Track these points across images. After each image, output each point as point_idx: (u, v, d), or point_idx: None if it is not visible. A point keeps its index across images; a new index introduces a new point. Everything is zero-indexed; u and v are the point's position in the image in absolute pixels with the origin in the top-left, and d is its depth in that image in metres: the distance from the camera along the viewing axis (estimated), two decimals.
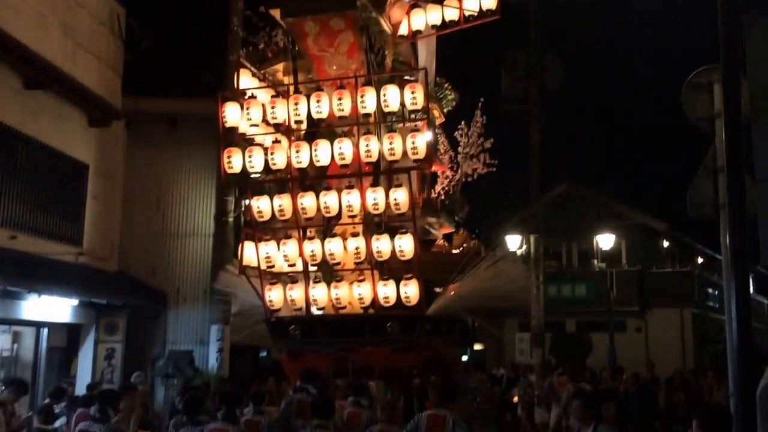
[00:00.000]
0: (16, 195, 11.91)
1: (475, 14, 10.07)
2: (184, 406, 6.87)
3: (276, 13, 9.37)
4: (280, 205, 8.91)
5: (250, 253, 9.25)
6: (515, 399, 15.81)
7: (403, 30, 10.09)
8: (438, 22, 10.14)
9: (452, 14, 10.12)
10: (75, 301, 12.85)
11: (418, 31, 10.16)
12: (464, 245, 10.96)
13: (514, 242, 20.83)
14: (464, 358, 20.51)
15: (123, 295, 13.88)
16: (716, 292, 26.89)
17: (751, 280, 7.24)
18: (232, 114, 9.07)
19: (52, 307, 12.38)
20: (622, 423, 14.70)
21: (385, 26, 9.38)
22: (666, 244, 29.14)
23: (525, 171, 20.04)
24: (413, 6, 10.04)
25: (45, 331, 12.86)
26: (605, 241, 23.04)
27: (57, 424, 9.01)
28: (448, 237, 11.10)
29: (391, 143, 8.62)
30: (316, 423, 6.07)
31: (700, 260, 31.41)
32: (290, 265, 9.14)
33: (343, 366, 9.13)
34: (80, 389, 11.65)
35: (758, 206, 6.81)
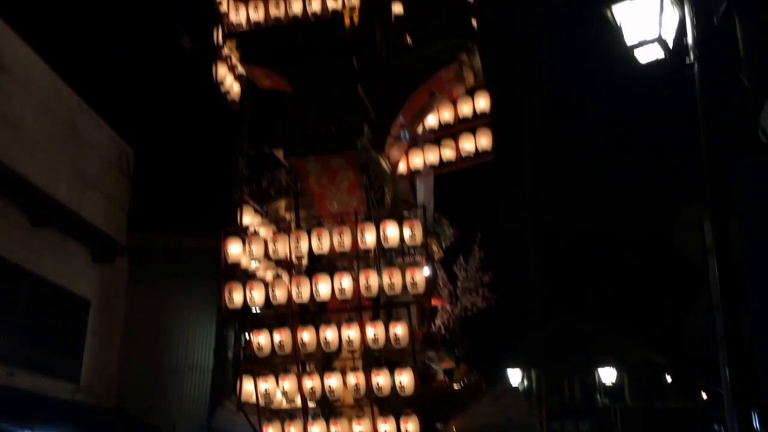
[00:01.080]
0: (16, 331, 11.92)
1: (472, 155, 10.56)
2: None
3: (279, 153, 9.73)
4: (279, 340, 8.93)
5: (249, 388, 9.19)
6: None
7: (401, 169, 10.49)
8: (436, 162, 10.62)
9: (449, 155, 10.58)
10: None
11: (417, 171, 10.58)
12: (465, 380, 10.88)
13: (515, 377, 20.61)
14: None
15: (118, 431, 13.65)
16: (722, 428, 26.33)
17: (755, 417, 7.18)
18: (234, 250, 9.26)
19: None
20: None
21: (385, 165, 9.72)
22: (669, 379, 28.77)
23: (525, 304, 20.16)
24: (411, 146, 10.48)
25: None
26: (607, 375, 22.82)
27: None
28: (448, 372, 11.03)
29: (390, 278, 8.75)
30: None
31: (704, 395, 30.88)
32: (289, 402, 9.07)
33: None
34: None
35: (755, 343, 6.88)
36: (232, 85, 11.04)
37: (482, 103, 10.74)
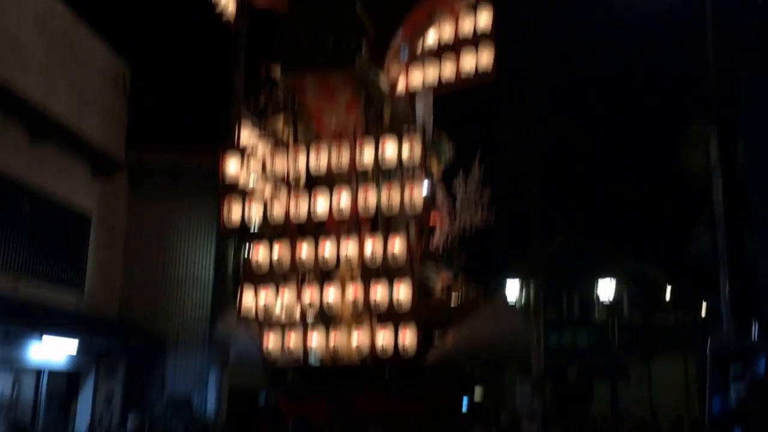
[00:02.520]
0: (20, 244, 12.11)
1: (471, 75, 10.36)
2: None
3: (277, 68, 9.63)
4: (278, 255, 9.06)
5: (249, 300, 9.37)
6: None
7: (401, 86, 10.37)
8: (435, 80, 10.43)
9: (449, 73, 10.41)
10: (74, 347, 12.97)
11: (416, 88, 10.45)
12: (462, 294, 11.02)
13: (513, 290, 20.87)
14: (464, 405, 20.43)
15: (123, 340, 14.02)
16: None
17: (756, 328, 7.30)
18: (232, 166, 9.28)
19: (53, 353, 12.49)
20: None
21: (384, 82, 9.63)
22: (669, 293, 29.08)
23: (524, 219, 20.22)
24: (411, 63, 10.34)
25: (45, 375, 12.96)
26: (606, 289, 23.05)
27: None
28: (446, 286, 11.17)
29: (389, 194, 8.80)
30: None
31: (704, 311, 31.27)
32: (288, 314, 9.26)
33: (342, 413, 9.17)
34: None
35: (758, 256, 6.95)
36: (227, 4, 10.80)
37: (484, 19, 10.52)
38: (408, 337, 8.85)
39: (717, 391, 4.65)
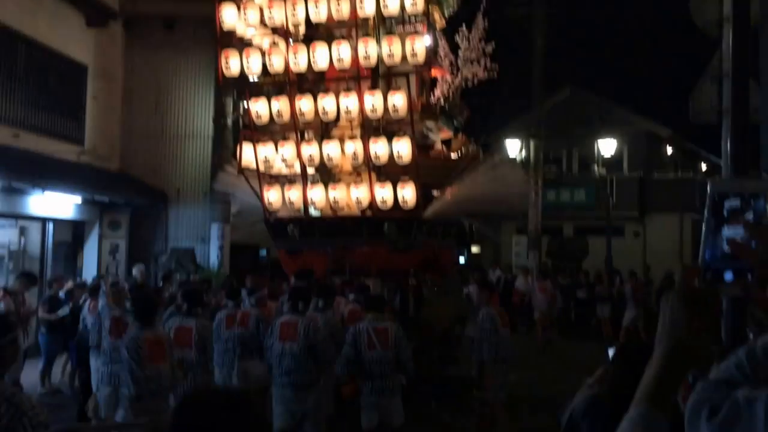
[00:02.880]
0: (17, 94, 11.97)
1: None
2: (183, 298, 7.07)
3: None
4: (278, 108, 8.99)
5: (249, 154, 9.38)
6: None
7: None
8: None
9: None
10: (78, 198, 13.11)
11: None
12: (463, 150, 11.01)
13: (513, 147, 20.84)
14: (461, 260, 20.89)
15: (125, 193, 14.13)
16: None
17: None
18: (229, 16, 9.03)
19: (57, 204, 12.65)
20: (616, 323, 15.34)
21: None
22: (669, 150, 29.06)
23: (527, 75, 19.89)
24: None
25: (51, 226, 13.18)
26: (607, 146, 23.00)
27: (60, 312, 9.37)
28: (446, 142, 11.14)
29: (390, 47, 8.61)
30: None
31: (704, 167, 31.38)
32: (288, 167, 9.29)
33: (341, 265, 9.38)
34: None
35: (761, 112, 6.85)
36: None
37: None
38: (407, 192, 8.93)
39: (712, 235, 4.67)
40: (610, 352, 3.87)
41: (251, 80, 9.23)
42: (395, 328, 6.15)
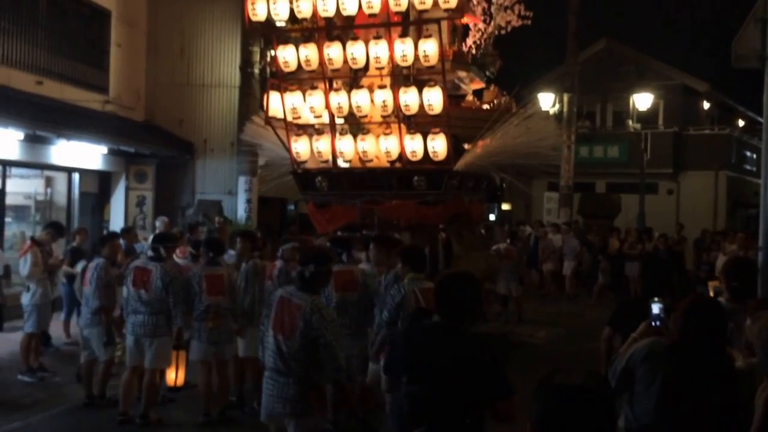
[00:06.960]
0: (40, 41, 11.77)
1: None
2: (207, 247, 7.26)
3: None
4: (306, 56, 8.69)
5: (276, 103, 9.12)
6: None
7: None
8: None
9: None
10: (104, 149, 12.97)
11: None
12: (495, 101, 10.66)
13: (547, 100, 20.33)
14: (492, 216, 20.60)
15: (151, 144, 13.96)
16: (755, 156, 26.31)
17: None
18: None
19: (82, 154, 12.52)
20: (647, 282, 14.98)
21: None
22: (706, 105, 28.30)
23: (562, 25, 19.33)
24: None
25: (76, 177, 13.09)
26: (642, 101, 22.43)
27: (79, 266, 9.15)
28: (478, 92, 10.80)
29: None
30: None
31: (741, 123, 30.58)
32: (316, 117, 9.01)
33: (370, 218, 9.16)
34: None
35: None
36: None
37: None
38: (438, 144, 8.64)
39: None
40: (654, 308, 3.81)
41: (278, 26, 8.92)
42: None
